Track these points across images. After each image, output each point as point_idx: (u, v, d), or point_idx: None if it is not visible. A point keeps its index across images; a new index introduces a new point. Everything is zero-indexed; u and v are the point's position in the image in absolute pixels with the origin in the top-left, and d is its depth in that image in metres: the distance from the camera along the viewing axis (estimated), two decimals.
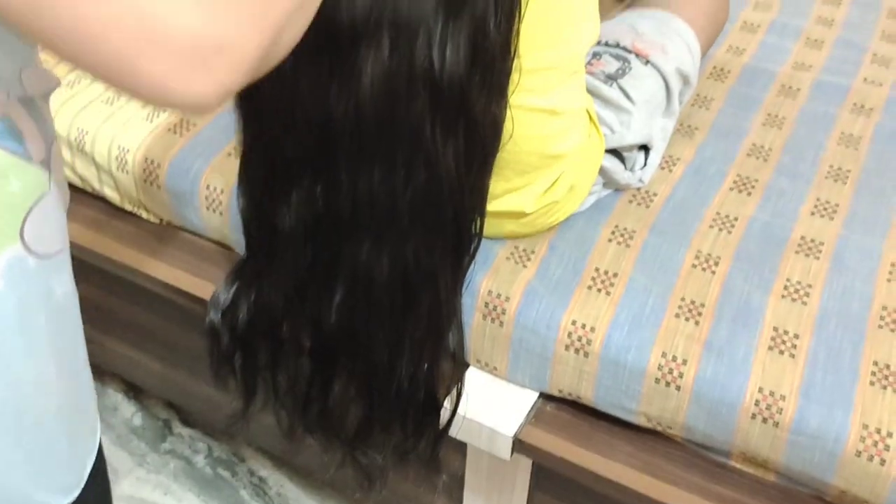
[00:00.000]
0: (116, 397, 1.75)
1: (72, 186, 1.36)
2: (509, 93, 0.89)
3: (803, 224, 1.16)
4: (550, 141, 1.04)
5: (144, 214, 1.32)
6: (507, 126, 0.90)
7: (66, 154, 1.31)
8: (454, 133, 0.87)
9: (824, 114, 1.35)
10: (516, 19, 0.86)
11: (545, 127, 1.02)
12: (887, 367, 0.98)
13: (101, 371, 1.79)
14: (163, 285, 1.26)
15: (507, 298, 1.07)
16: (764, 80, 1.42)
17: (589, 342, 1.03)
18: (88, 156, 1.29)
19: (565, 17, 0.99)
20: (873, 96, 1.39)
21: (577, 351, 1.04)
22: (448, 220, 0.91)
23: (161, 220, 1.31)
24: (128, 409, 1.73)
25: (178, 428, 1.70)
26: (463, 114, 0.86)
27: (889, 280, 1.08)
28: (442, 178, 0.88)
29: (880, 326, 1.03)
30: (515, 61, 0.87)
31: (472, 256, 0.94)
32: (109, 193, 1.32)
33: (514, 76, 0.88)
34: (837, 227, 1.16)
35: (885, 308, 1.05)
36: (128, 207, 1.32)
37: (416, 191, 0.88)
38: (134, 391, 1.76)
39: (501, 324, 1.07)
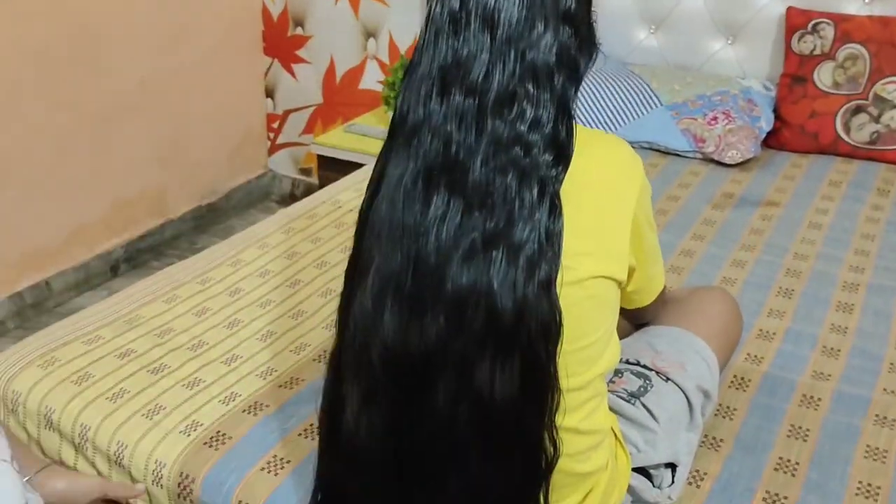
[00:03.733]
0: None
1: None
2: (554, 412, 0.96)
3: None
4: (577, 460, 1.07)
5: None
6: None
7: (104, 467, 1.34)
8: (507, 455, 0.94)
9: (848, 426, 1.37)
10: (558, 346, 0.95)
11: (571, 446, 1.04)
12: None
13: None
14: None
15: None
16: (785, 390, 1.46)
17: None
18: (126, 469, 1.32)
19: (588, 344, 1.05)
20: (894, 408, 1.41)
21: None
22: None
23: None
24: None
25: None
26: (519, 437, 0.96)
27: None
28: (486, 500, 0.96)
29: None
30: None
31: None
32: None
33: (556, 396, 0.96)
34: None
35: None
36: None
37: None
38: None
39: None
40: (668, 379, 1.26)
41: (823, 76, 2.42)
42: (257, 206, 3.67)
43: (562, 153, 0.97)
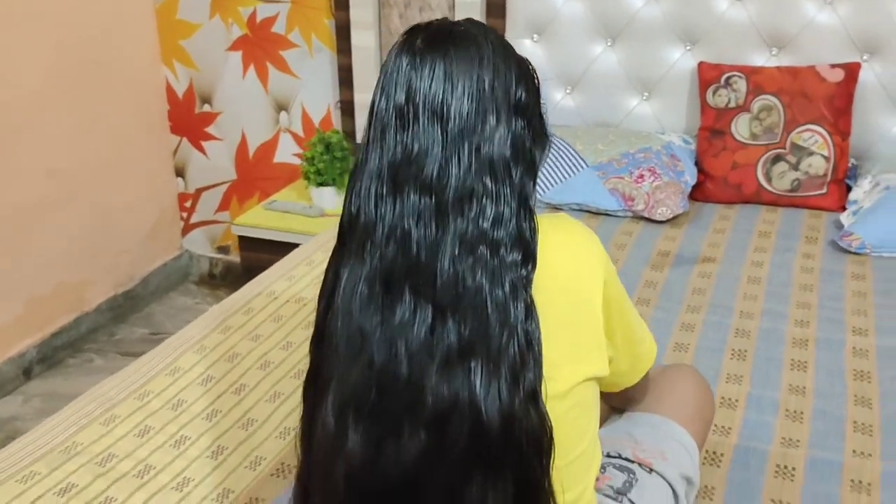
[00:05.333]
0: None
1: None
2: None
3: None
4: None
5: None
6: None
7: None
8: None
9: (825, 495, 1.36)
10: (551, 460, 0.90)
11: None
12: None
13: None
14: None
15: None
16: (758, 461, 1.44)
17: None
18: None
19: (577, 455, 1.01)
20: (867, 470, 1.41)
21: None
22: None
23: None
24: None
25: None
26: None
27: None
28: None
29: None
30: None
31: None
32: None
33: None
34: None
35: None
36: None
37: None
38: None
39: None
40: (651, 470, 1.22)
41: (741, 128, 2.47)
42: (176, 289, 3.54)
43: (528, 252, 0.94)
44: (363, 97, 2.99)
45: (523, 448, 0.91)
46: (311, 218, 2.86)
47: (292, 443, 1.50)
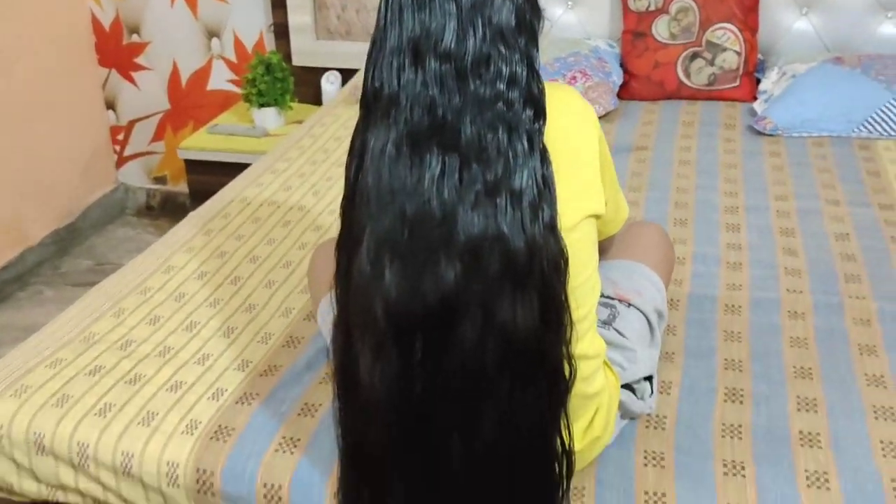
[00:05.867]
0: None
1: None
2: (570, 340, 1.07)
3: (796, 420, 1.35)
4: (586, 383, 1.20)
5: None
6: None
7: (111, 480, 1.35)
8: (535, 383, 1.04)
9: (769, 324, 1.59)
10: (567, 279, 1.06)
11: (581, 370, 1.17)
12: None
13: None
14: None
15: None
16: (709, 304, 1.66)
17: None
18: (136, 477, 1.33)
19: (584, 279, 1.18)
20: (801, 302, 1.65)
21: None
22: (530, 464, 1.07)
23: None
24: None
25: None
26: (543, 363, 1.05)
27: (884, 456, 1.27)
28: (520, 428, 1.06)
29: None
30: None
31: (567, 490, 1.09)
32: None
33: (571, 325, 1.08)
34: (823, 418, 1.35)
35: (893, 480, 1.22)
36: None
37: (504, 439, 1.06)
38: None
39: None
40: (629, 305, 1.42)
41: (661, 29, 2.67)
42: (115, 222, 3.57)
43: (539, 108, 1.08)
44: (298, 19, 3.07)
45: (545, 270, 1.07)
46: (256, 138, 2.94)
47: (298, 318, 1.65)
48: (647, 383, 1.38)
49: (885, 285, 1.70)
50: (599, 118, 2.52)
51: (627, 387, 1.35)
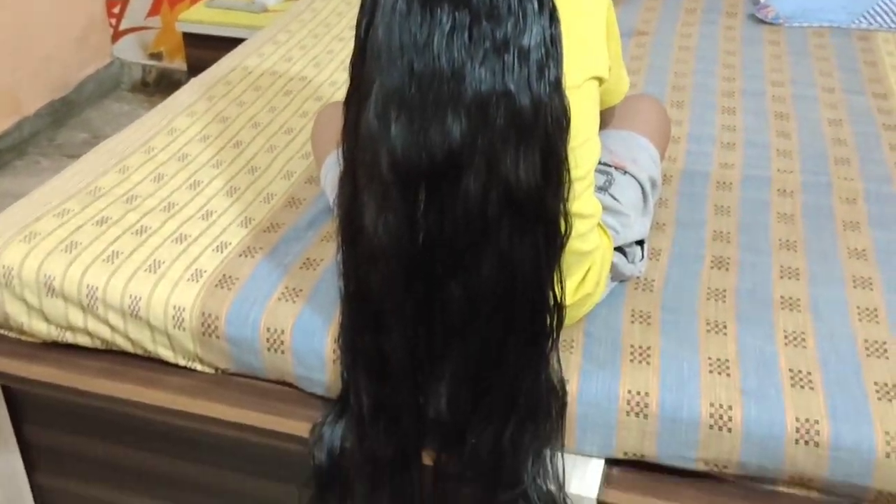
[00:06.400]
0: None
1: (120, 352, 1.44)
2: (568, 195, 1.11)
3: (778, 287, 1.40)
4: (581, 239, 1.25)
5: (199, 367, 1.42)
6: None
7: (118, 321, 1.40)
8: (533, 233, 1.08)
9: (759, 200, 1.64)
10: (569, 137, 1.10)
11: (577, 228, 1.22)
12: (885, 384, 1.21)
13: None
14: (233, 426, 1.35)
15: (567, 381, 1.24)
16: (701, 180, 1.70)
17: (646, 405, 1.22)
18: (143, 320, 1.39)
19: (584, 140, 1.22)
20: (791, 181, 1.69)
21: (637, 415, 1.22)
22: (525, 312, 1.12)
23: (217, 369, 1.41)
24: None
25: None
26: (541, 216, 1.08)
27: (860, 320, 1.33)
28: (517, 276, 1.10)
29: (868, 355, 1.26)
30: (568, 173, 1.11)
31: (556, 339, 1.14)
32: (163, 352, 1.41)
33: (570, 182, 1.12)
34: (805, 285, 1.41)
35: (866, 340, 1.29)
36: (182, 362, 1.42)
37: (501, 285, 1.10)
38: None
39: (565, 404, 1.24)
40: (625, 172, 1.46)
41: None
42: (109, 97, 3.56)
43: None
44: None
45: (549, 128, 1.10)
46: (255, 13, 2.92)
47: (300, 180, 1.69)
48: (639, 248, 1.43)
49: (873, 168, 1.74)
50: None
51: (619, 250, 1.40)
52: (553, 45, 1.09)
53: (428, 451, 1.23)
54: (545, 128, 1.09)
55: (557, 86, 1.09)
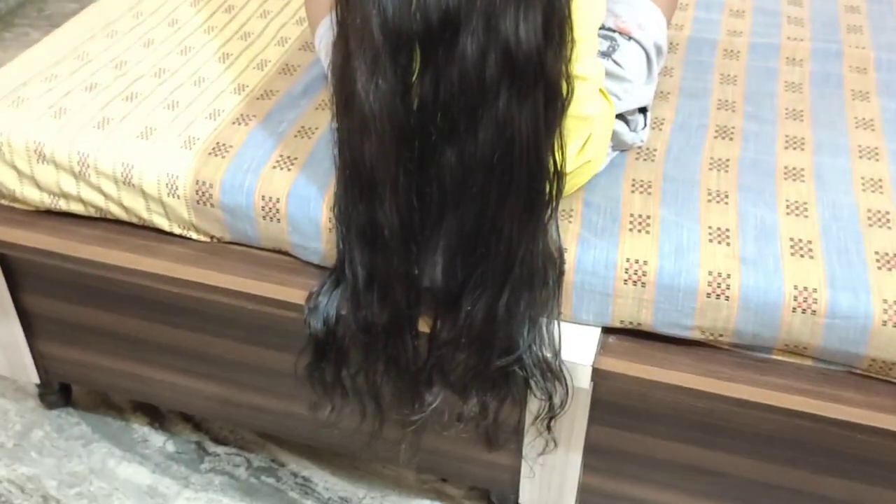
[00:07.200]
0: (143, 430, 1.79)
1: (115, 220, 1.43)
2: (569, 58, 1.07)
3: (782, 157, 1.38)
4: (582, 103, 1.21)
5: (194, 235, 1.40)
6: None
7: (111, 189, 1.38)
8: (532, 96, 1.05)
9: (766, 68, 1.59)
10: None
11: (577, 91, 1.18)
12: (886, 254, 1.20)
13: (122, 408, 1.84)
14: (229, 293, 1.35)
15: (565, 250, 1.23)
16: (708, 48, 1.65)
17: (644, 273, 1.21)
18: (137, 187, 1.37)
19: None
20: (800, 50, 1.64)
21: (635, 283, 1.21)
22: (523, 178, 1.10)
23: (212, 237, 1.40)
24: (158, 439, 1.78)
25: (212, 447, 1.77)
26: (542, 78, 1.04)
27: (864, 190, 1.31)
28: (515, 142, 1.07)
29: (870, 225, 1.25)
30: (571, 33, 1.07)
31: (556, 207, 1.12)
32: (158, 220, 1.40)
33: (572, 44, 1.08)
34: (809, 155, 1.38)
35: (868, 210, 1.27)
36: (177, 231, 1.41)
37: (499, 151, 1.07)
38: (159, 421, 1.81)
39: (563, 272, 1.23)
40: (630, 38, 1.41)
41: None
42: None
43: None
44: None
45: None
46: None
47: (294, 47, 1.64)
48: (641, 116, 1.40)
49: (885, 36, 1.68)
50: None
51: (621, 117, 1.37)
52: None
53: (424, 318, 1.23)
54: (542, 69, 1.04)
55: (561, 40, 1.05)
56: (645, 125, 1.40)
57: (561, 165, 1.13)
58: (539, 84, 1.06)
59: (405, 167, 1.11)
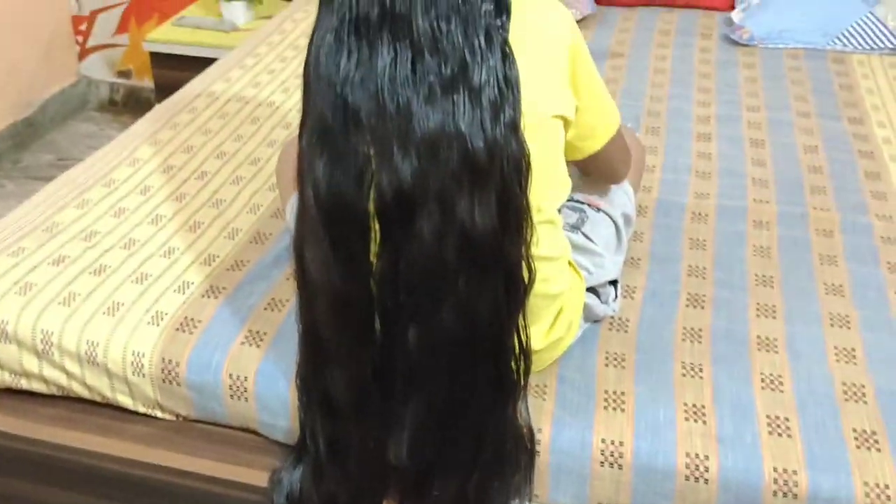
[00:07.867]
0: None
1: (78, 399, 1.39)
2: (529, 241, 1.07)
3: (755, 325, 1.37)
4: (550, 283, 1.21)
5: (159, 414, 1.37)
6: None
7: (75, 368, 1.35)
8: (492, 280, 1.04)
9: (734, 232, 1.61)
10: (529, 181, 1.05)
11: (543, 271, 1.17)
12: (864, 431, 1.18)
13: None
14: (195, 477, 1.30)
15: (539, 430, 1.20)
16: (677, 211, 1.67)
17: (621, 455, 1.18)
18: (101, 366, 1.34)
19: (548, 180, 1.18)
20: (766, 212, 1.66)
21: (611, 465, 1.18)
22: (488, 360, 1.08)
23: (178, 416, 1.36)
24: None
25: None
26: (500, 262, 1.04)
27: (837, 361, 1.30)
28: (477, 324, 1.05)
29: (846, 399, 1.24)
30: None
31: (524, 387, 1.10)
32: (122, 399, 1.36)
33: (530, 227, 1.07)
34: (781, 323, 1.38)
35: (843, 384, 1.26)
36: (141, 410, 1.37)
37: (461, 333, 1.06)
38: None
39: (538, 453, 1.20)
40: (598, 210, 1.42)
41: None
42: (77, 116, 3.49)
43: (500, 2, 1.03)
44: None
45: (506, 172, 1.04)
46: (224, 33, 2.87)
47: (265, 214, 1.64)
48: (612, 287, 1.40)
49: (849, 197, 1.72)
50: (578, 22, 2.49)
51: (592, 290, 1.36)
52: (507, 86, 1.03)
53: (390, 501, 1.19)
54: (501, 172, 1.03)
55: (514, 128, 1.03)
56: (616, 296, 1.40)
57: (527, 345, 1.12)
58: (498, 269, 1.05)
59: (359, 339, 1.09)
